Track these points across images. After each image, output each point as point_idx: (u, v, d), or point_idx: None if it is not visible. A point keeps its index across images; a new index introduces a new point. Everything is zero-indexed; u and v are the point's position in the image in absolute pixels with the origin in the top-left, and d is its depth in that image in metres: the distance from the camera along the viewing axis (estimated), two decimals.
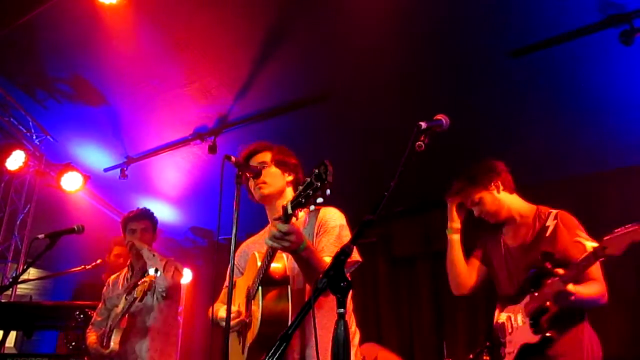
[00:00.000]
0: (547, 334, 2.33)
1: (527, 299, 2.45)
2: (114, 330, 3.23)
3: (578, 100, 4.03)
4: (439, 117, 1.84)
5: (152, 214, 3.70)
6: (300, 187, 1.71)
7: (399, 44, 3.91)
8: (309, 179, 1.67)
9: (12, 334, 4.79)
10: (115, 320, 3.24)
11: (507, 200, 2.68)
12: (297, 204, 1.73)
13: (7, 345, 4.61)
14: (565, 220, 2.54)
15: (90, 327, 3.56)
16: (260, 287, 2.06)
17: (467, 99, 4.15)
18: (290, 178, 2.43)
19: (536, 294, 2.39)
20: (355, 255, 2.16)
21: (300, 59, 4.28)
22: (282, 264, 2.13)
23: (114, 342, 3.20)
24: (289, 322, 1.98)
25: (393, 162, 1.69)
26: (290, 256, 2.15)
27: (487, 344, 4.00)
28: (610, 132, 4.23)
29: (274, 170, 2.38)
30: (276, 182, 2.37)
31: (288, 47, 4.14)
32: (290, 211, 1.78)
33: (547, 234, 2.53)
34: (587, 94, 3.97)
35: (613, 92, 3.95)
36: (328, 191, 1.62)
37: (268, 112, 4.73)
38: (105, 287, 3.66)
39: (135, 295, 3.12)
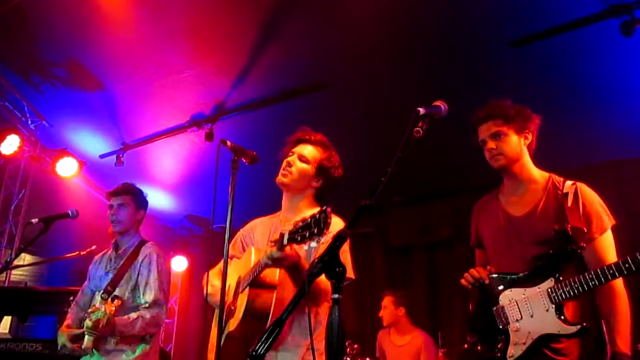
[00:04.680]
0: (585, 324, 2.05)
1: (549, 282, 2.12)
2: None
3: (578, 90, 4.01)
4: (437, 103, 1.80)
5: (136, 189, 3.37)
6: (300, 224, 1.76)
7: (400, 32, 3.88)
8: (309, 220, 1.72)
9: (7, 319, 4.78)
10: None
11: (525, 156, 2.40)
12: (292, 240, 1.80)
13: (1, 330, 4.60)
14: (585, 192, 2.26)
15: (73, 305, 3.32)
16: (248, 287, 2.11)
17: (467, 88, 4.13)
18: (318, 184, 2.37)
19: (561, 278, 2.09)
20: (349, 273, 2.15)
21: (300, 45, 4.23)
22: (272, 273, 2.15)
23: (89, 341, 2.93)
24: (268, 323, 2.04)
25: (393, 150, 1.67)
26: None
27: (475, 338, 3.78)
28: (610, 123, 4.22)
29: (306, 168, 2.34)
30: (301, 180, 2.34)
31: (287, 33, 4.09)
32: (285, 242, 1.85)
33: (569, 204, 2.21)
34: (587, 85, 3.95)
35: (612, 83, 3.93)
36: (322, 239, 1.69)
37: (266, 99, 4.69)
38: (91, 264, 3.43)
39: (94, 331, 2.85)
